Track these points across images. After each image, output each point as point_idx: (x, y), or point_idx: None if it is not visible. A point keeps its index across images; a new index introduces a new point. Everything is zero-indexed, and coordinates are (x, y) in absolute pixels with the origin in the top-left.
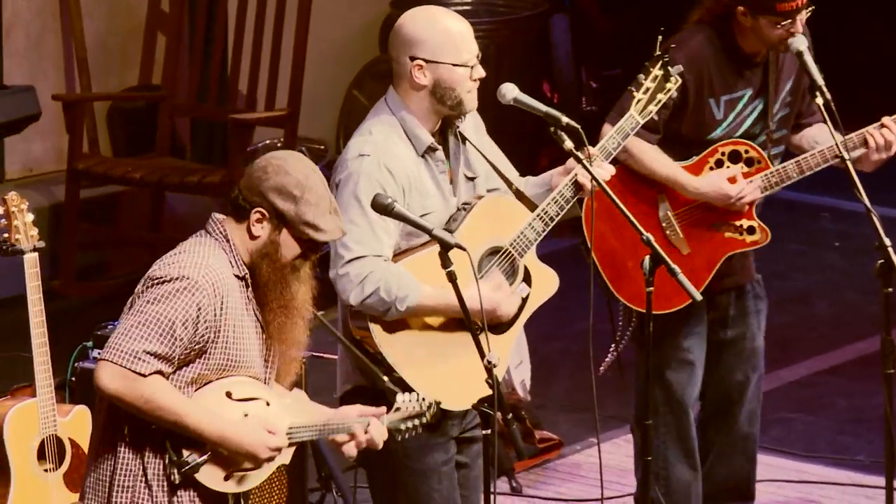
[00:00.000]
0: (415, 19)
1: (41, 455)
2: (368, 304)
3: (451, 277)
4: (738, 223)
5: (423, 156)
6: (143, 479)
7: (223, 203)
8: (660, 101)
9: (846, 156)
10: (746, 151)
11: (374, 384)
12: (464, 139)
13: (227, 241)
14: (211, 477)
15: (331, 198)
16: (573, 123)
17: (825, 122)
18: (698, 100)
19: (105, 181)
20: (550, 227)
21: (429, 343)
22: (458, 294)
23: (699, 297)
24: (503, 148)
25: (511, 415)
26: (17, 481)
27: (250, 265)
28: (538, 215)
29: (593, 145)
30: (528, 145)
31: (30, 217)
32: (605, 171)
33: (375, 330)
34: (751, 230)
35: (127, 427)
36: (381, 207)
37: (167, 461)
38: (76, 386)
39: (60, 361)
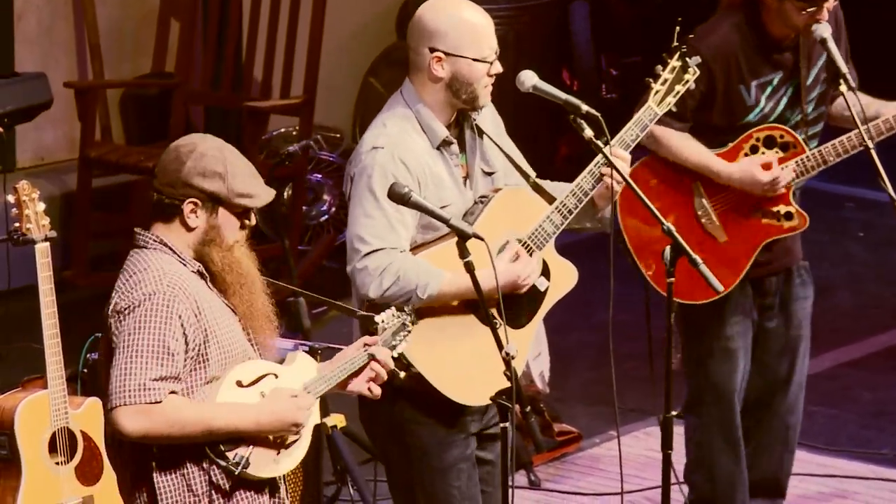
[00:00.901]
0: (436, 10)
1: (52, 448)
2: (389, 296)
3: (469, 268)
4: (775, 209)
5: (438, 148)
6: (192, 496)
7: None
8: (678, 92)
9: (870, 144)
10: (781, 136)
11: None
12: (481, 132)
13: (165, 245)
14: (263, 465)
15: (247, 161)
16: (593, 111)
17: (849, 109)
18: (728, 87)
19: (118, 170)
20: (569, 220)
21: (447, 339)
22: (476, 284)
23: (721, 289)
24: (522, 136)
25: (529, 407)
26: (28, 474)
27: (198, 258)
28: (556, 208)
29: (613, 134)
30: (548, 133)
31: (41, 206)
32: (620, 159)
33: None
34: (788, 216)
35: (158, 453)
36: (398, 197)
37: (217, 470)
38: (88, 378)
39: (72, 353)
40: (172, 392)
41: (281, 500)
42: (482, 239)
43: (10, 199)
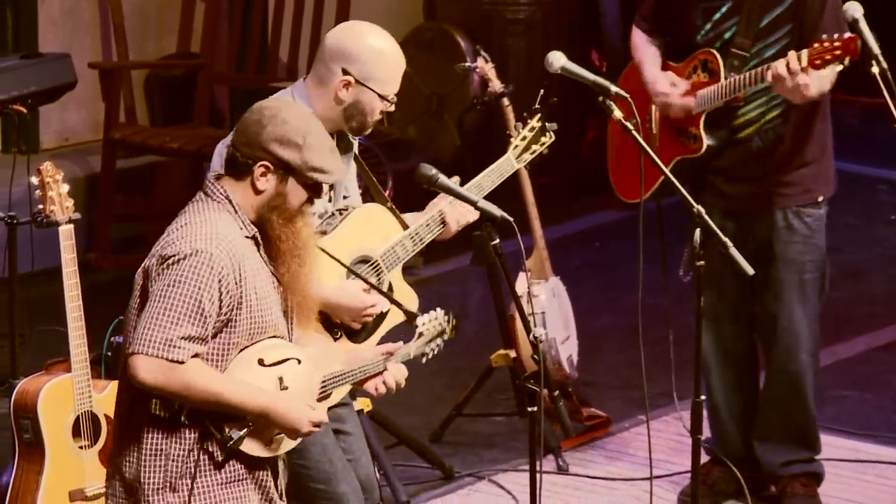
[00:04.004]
0: (360, 36)
1: (76, 432)
2: None
3: (497, 251)
4: (690, 130)
5: None
6: (180, 449)
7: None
8: (534, 151)
9: None
10: (710, 62)
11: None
12: (354, 155)
13: (230, 201)
14: (255, 446)
15: (328, 137)
16: (622, 92)
17: (883, 91)
18: (681, 4)
19: (142, 151)
20: (419, 248)
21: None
22: (505, 269)
23: (751, 271)
24: (553, 117)
25: (558, 392)
26: (52, 458)
27: (258, 221)
28: (410, 235)
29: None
30: (576, 115)
31: (65, 188)
32: (468, 214)
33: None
34: (695, 138)
35: (156, 402)
36: (426, 179)
37: (210, 439)
38: (112, 361)
39: (96, 335)
40: (195, 355)
41: (266, 474)
42: (510, 221)
43: (34, 180)
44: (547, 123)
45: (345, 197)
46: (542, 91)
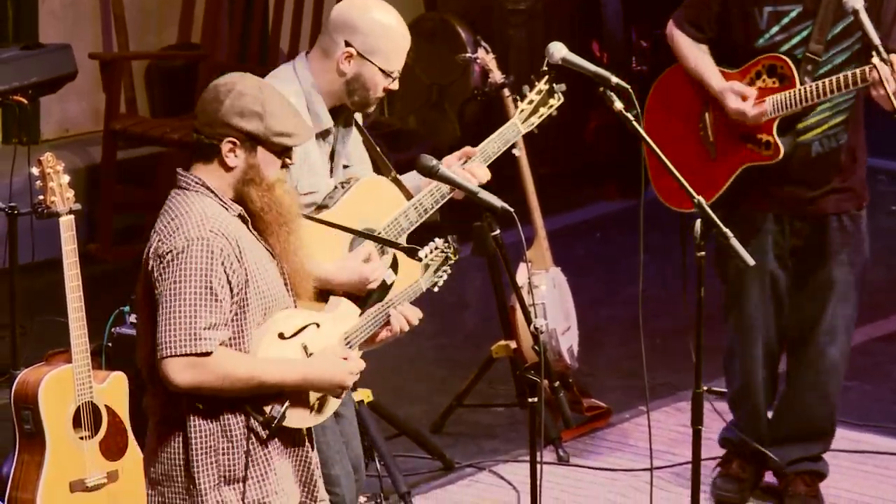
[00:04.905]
0: (366, 8)
1: (77, 422)
2: None
3: (498, 241)
4: (759, 136)
5: (317, 136)
6: (228, 442)
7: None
8: (542, 114)
9: None
10: (781, 67)
11: None
12: (356, 124)
13: (206, 187)
14: (298, 418)
15: (287, 101)
16: (623, 84)
17: (883, 81)
18: (742, 7)
19: (143, 142)
20: (424, 218)
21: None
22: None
23: (752, 262)
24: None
25: (558, 382)
26: (53, 448)
27: (238, 199)
28: (413, 205)
29: (643, 107)
30: (577, 106)
31: (66, 179)
32: (482, 173)
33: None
34: (767, 145)
35: (196, 400)
36: (426, 169)
37: (254, 423)
38: (112, 352)
39: (97, 326)
40: (221, 343)
41: (307, 451)
42: (511, 211)
43: (35, 171)
44: (555, 85)
45: (345, 167)
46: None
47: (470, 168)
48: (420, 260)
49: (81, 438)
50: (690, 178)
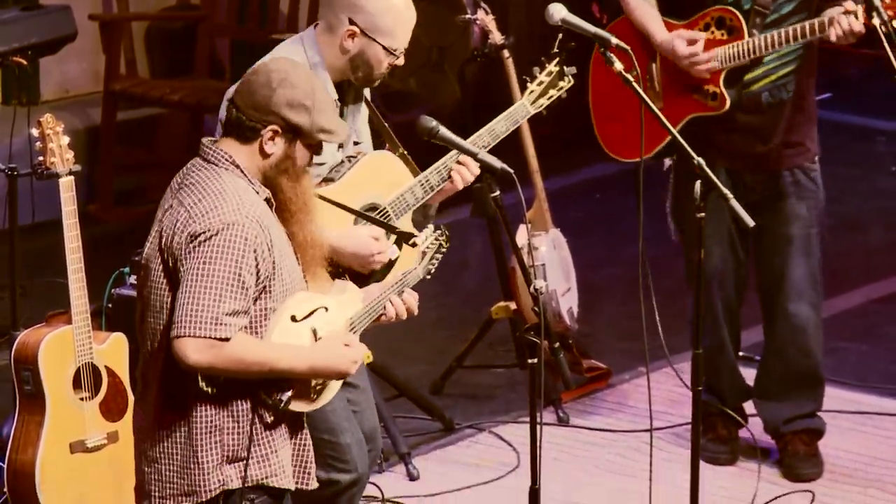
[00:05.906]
0: None
1: (77, 383)
2: None
3: (498, 202)
4: (706, 87)
5: None
6: (234, 423)
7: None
8: (551, 96)
9: None
10: (730, 20)
11: None
12: (365, 99)
13: (237, 166)
14: (301, 403)
15: (330, 96)
16: (623, 44)
17: (883, 44)
18: None
19: (143, 103)
20: (430, 195)
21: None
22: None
23: (752, 223)
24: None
25: (558, 344)
26: (53, 409)
27: (267, 184)
28: (420, 182)
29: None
30: (578, 68)
31: (65, 140)
32: (472, 169)
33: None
34: (714, 96)
35: (203, 381)
36: (426, 131)
37: (261, 407)
38: (112, 313)
39: (97, 287)
40: (239, 329)
41: (305, 435)
42: (511, 172)
43: (35, 132)
44: (565, 67)
45: (356, 143)
46: (560, 35)
47: (464, 161)
48: (415, 246)
49: (82, 399)
50: (638, 129)
